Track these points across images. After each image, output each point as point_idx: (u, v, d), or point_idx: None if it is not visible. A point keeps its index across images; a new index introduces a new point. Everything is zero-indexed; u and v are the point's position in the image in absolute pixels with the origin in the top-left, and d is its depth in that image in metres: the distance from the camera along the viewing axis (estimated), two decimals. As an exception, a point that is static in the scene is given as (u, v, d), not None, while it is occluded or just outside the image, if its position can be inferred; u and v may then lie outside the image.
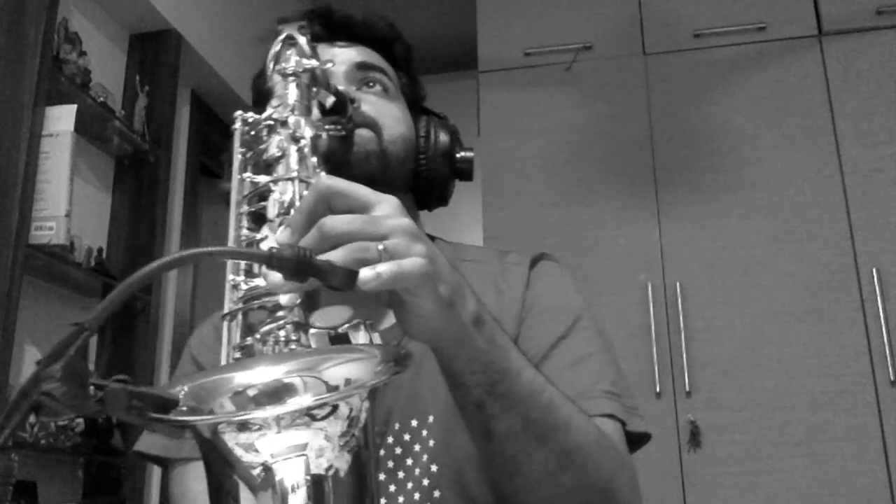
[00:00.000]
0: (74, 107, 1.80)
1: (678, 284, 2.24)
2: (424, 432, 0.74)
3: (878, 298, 2.11)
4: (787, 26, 2.42)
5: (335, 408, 0.41)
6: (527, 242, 2.33)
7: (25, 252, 1.66)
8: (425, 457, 0.73)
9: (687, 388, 2.16)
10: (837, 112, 2.31)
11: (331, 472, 0.41)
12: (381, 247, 0.47)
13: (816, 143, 2.30)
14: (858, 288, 2.15)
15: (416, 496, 0.72)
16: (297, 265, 0.44)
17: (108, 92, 2.03)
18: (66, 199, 1.74)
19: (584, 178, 2.42)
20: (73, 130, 1.78)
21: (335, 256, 0.46)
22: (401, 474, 0.72)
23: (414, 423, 0.74)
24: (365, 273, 0.46)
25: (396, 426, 0.74)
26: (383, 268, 0.47)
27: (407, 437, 0.74)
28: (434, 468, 0.72)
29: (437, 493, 0.71)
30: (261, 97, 0.87)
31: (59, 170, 1.75)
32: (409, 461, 0.73)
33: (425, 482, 0.72)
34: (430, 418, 0.74)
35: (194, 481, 0.73)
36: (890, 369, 2.06)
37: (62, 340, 0.38)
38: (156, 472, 2.18)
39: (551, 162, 2.45)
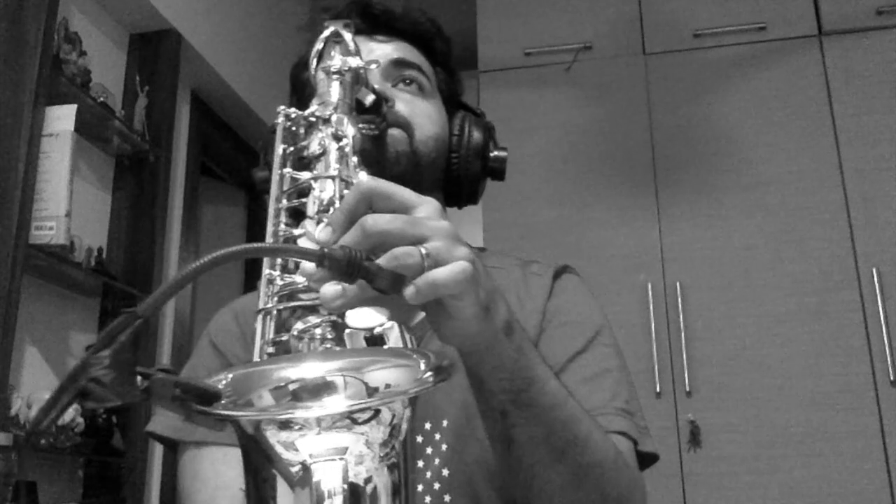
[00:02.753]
0: (74, 107, 1.80)
1: (678, 284, 2.24)
2: (437, 436, 0.73)
3: (878, 298, 2.11)
4: (787, 26, 2.42)
5: (377, 412, 0.41)
6: (527, 242, 2.33)
7: (25, 252, 1.65)
8: (437, 461, 0.72)
9: (687, 388, 2.16)
10: (837, 112, 2.30)
11: (369, 485, 0.40)
12: (423, 251, 0.47)
13: (816, 143, 2.30)
14: (858, 288, 2.15)
15: (427, 500, 0.71)
16: (347, 266, 0.43)
17: (108, 92, 2.03)
18: (66, 199, 1.73)
19: (584, 178, 2.42)
20: (74, 130, 1.78)
21: (379, 261, 0.46)
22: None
23: (427, 426, 0.73)
24: (420, 282, 0.46)
25: (418, 439, 0.73)
26: (436, 274, 0.46)
27: (420, 439, 0.73)
28: (445, 472, 0.72)
29: (447, 498, 0.71)
30: (298, 88, 0.86)
31: (59, 170, 1.75)
32: (421, 464, 0.72)
33: (436, 486, 0.71)
34: (444, 422, 0.73)
35: (208, 464, 0.72)
36: (890, 369, 2.06)
37: (112, 326, 0.38)
38: (156, 473, 2.18)
39: (551, 162, 2.45)
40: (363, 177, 0.56)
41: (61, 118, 1.78)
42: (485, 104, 2.54)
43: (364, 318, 0.46)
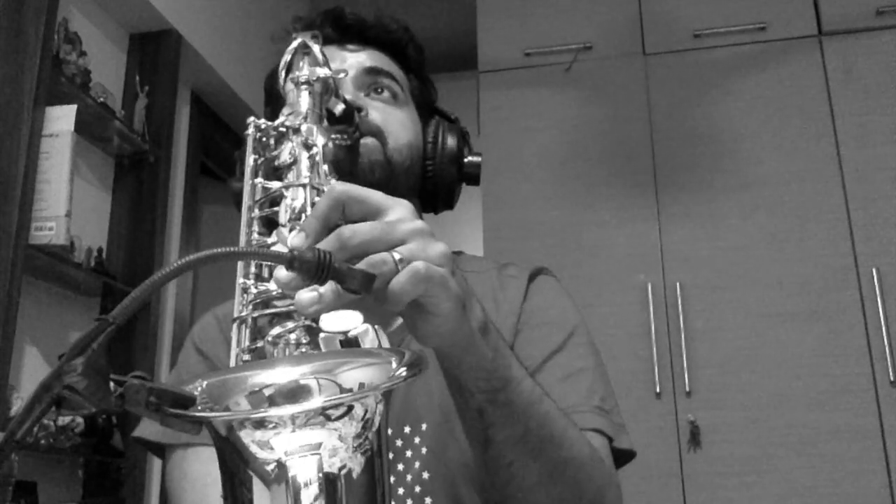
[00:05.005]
0: (74, 107, 1.80)
1: (678, 284, 2.24)
2: (417, 439, 0.74)
3: (878, 298, 2.11)
4: (787, 26, 2.42)
5: (350, 408, 0.41)
6: (527, 242, 2.33)
7: (25, 252, 1.65)
8: (417, 464, 0.73)
9: (687, 388, 2.16)
10: (837, 112, 2.31)
11: (343, 472, 0.41)
12: (397, 256, 0.47)
13: (816, 143, 2.30)
14: (858, 288, 2.15)
15: (409, 502, 0.72)
16: (317, 267, 0.44)
17: (108, 92, 2.03)
18: (66, 199, 1.74)
19: (584, 178, 2.42)
20: (73, 130, 1.78)
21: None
22: (392, 479, 0.73)
23: (407, 429, 0.74)
24: (392, 286, 0.46)
25: (389, 431, 0.74)
26: (404, 277, 0.47)
27: (399, 443, 0.74)
28: (426, 475, 0.72)
29: (428, 500, 0.72)
30: (272, 99, 0.87)
31: (59, 170, 1.75)
32: (401, 467, 0.73)
33: (417, 489, 0.72)
34: (424, 426, 0.74)
35: (197, 465, 0.73)
36: (890, 369, 2.06)
37: (85, 334, 0.38)
38: (156, 473, 2.18)
39: (551, 162, 2.45)
40: (336, 182, 0.56)
41: (61, 118, 1.78)
42: (485, 104, 2.54)
43: (338, 321, 0.47)
